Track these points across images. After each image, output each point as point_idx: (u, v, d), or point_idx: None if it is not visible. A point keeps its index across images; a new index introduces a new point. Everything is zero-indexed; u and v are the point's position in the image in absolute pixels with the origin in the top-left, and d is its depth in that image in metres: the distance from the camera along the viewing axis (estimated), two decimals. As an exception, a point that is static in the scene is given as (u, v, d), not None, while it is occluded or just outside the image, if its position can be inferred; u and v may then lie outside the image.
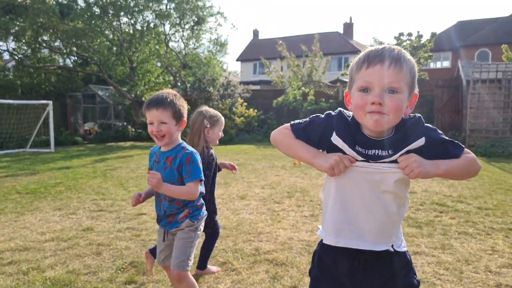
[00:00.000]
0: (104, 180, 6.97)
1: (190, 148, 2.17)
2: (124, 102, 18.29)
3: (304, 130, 1.38)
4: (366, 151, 1.28)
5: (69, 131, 16.54)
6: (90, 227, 4.10)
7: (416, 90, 1.31)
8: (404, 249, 1.40)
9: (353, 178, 1.32)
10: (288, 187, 6.19)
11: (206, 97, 16.58)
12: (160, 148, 2.21)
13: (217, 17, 17.96)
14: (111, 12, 16.18)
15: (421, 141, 1.26)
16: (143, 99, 17.35)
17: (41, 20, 15.43)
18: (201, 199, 2.28)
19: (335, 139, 1.30)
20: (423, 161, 1.25)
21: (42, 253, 3.39)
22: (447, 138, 1.33)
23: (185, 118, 2.21)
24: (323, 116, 1.39)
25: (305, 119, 1.42)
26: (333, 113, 1.37)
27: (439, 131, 1.34)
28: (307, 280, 2.82)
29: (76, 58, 18.68)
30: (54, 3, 15.85)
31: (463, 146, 1.34)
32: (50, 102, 13.38)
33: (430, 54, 15.97)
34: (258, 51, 33.97)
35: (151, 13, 17.24)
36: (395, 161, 1.28)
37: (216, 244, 3.54)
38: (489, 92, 12.38)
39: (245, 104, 16.98)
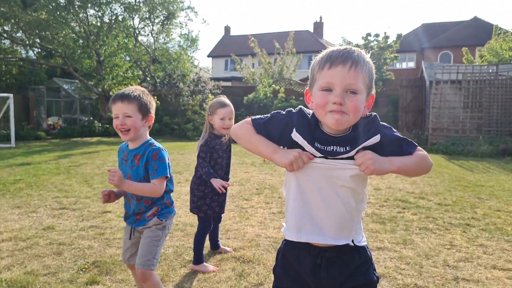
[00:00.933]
0: (68, 176, 6.75)
1: (158, 145, 2.13)
2: (91, 96, 17.77)
3: (265, 125, 1.40)
4: (325, 148, 1.31)
5: (31, 125, 15.91)
6: (51, 226, 3.96)
7: (373, 91, 1.35)
8: (364, 244, 1.42)
9: (312, 175, 1.34)
10: (257, 184, 6.22)
11: (176, 93, 16.37)
12: (128, 146, 2.16)
13: (188, 12, 17.77)
14: (77, 3, 15.65)
15: (376, 138, 1.30)
16: (111, 93, 16.94)
17: (1, 9, 14.73)
18: (171, 197, 2.23)
19: (295, 135, 1.32)
20: (377, 158, 1.29)
21: (-1, 253, 3.25)
22: (401, 136, 1.37)
23: (152, 114, 2.16)
24: (284, 112, 1.41)
25: (266, 115, 1.44)
26: (293, 110, 1.39)
27: (394, 129, 1.38)
28: (273, 277, 2.84)
29: (39, 50, 17.98)
30: (16, -8, 15.19)
31: (416, 144, 1.39)
32: (11, 95, 12.82)
33: (396, 54, 16.44)
34: (229, 47, 33.86)
35: (119, 6, 16.82)
36: (351, 158, 1.31)
37: (182, 242, 3.52)
38: (450, 93, 12.90)
39: (216, 100, 16.90)
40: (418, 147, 1.39)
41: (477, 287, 2.72)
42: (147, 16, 17.31)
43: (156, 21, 17.57)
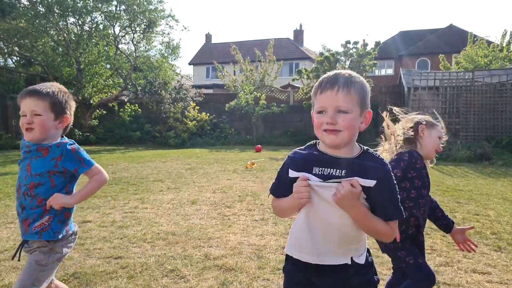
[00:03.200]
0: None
1: (68, 140, 1.88)
2: (70, 105, 17.48)
3: (277, 188, 1.57)
4: (323, 171, 1.41)
5: (10, 134, 15.54)
6: (30, 238, 3.87)
7: (368, 108, 1.45)
8: (362, 262, 1.49)
9: (313, 198, 1.43)
10: (240, 191, 6.22)
11: (158, 100, 16.27)
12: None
13: (169, 20, 17.74)
14: (57, 11, 15.46)
15: (371, 183, 1.37)
16: (92, 101, 16.71)
17: (-22, 17, 14.45)
18: (70, 209, 1.90)
19: (291, 173, 1.48)
20: (350, 198, 1.35)
21: (-26, 267, 3.16)
22: (396, 197, 1.41)
23: (68, 115, 1.89)
24: (283, 163, 1.56)
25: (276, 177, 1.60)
26: (284, 164, 1.55)
27: (395, 187, 1.42)
28: (256, 285, 2.85)
29: (18, 58, 17.62)
30: (-6, 0, 14.92)
31: (402, 215, 1.43)
32: (-12, 104, 12.51)
33: (375, 62, 16.75)
34: (211, 55, 33.92)
35: (100, 14, 16.68)
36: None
37: (164, 251, 3.49)
38: (428, 99, 13.21)
39: (198, 107, 16.86)
40: (397, 221, 1.45)
41: (455, 289, 2.78)
42: (128, 24, 17.21)
43: (137, 29, 17.48)
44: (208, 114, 16.88)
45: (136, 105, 17.38)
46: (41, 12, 15.32)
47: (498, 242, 3.82)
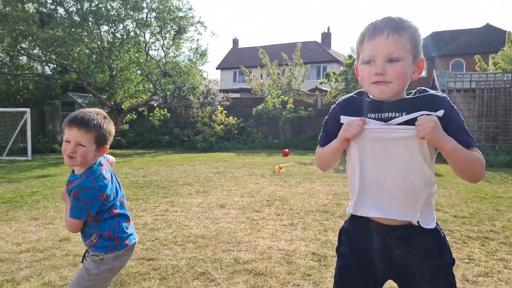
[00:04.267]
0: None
1: (87, 181, 1.85)
2: (104, 109, 18.04)
3: (323, 136, 1.49)
4: (380, 115, 1.32)
5: (47, 138, 16.22)
6: (67, 238, 4.02)
7: (421, 56, 1.34)
8: (433, 226, 1.35)
9: (369, 144, 1.33)
10: (268, 195, 6.22)
11: (186, 105, 16.53)
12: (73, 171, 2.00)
13: (197, 26, 18.03)
14: (91, 20, 16.04)
15: (440, 113, 1.26)
16: (123, 106, 17.19)
17: (20, 27, 15.19)
18: (117, 231, 1.94)
19: (343, 119, 1.37)
20: (439, 127, 1.23)
21: (17, 264, 3.31)
22: (465, 126, 1.31)
23: (108, 146, 1.96)
24: (330, 111, 1.49)
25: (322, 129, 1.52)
26: (333, 107, 1.48)
27: (461, 117, 1.32)
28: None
29: (55, 65, 18.39)
30: (34, 11, 15.63)
31: (477, 143, 1.32)
32: (28, 109, 13.12)
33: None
34: (238, 59, 34.20)
35: (131, 22, 17.17)
36: (411, 123, 1.27)
37: (195, 254, 3.54)
38: (463, 101, 12.76)
39: (225, 112, 17.01)
40: (477, 149, 1.32)
41: (493, 300, 2.67)
42: (158, 31, 17.63)
43: (167, 35, 17.87)
44: (235, 118, 17.00)
45: (165, 109, 17.72)
46: (77, 21, 15.93)
47: (540, 251, 3.64)
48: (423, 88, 1.35)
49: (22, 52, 17.14)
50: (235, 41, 39.55)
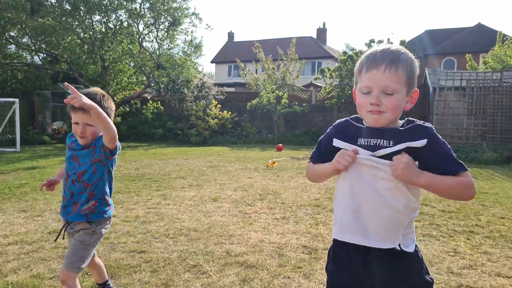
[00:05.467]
0: (73, 181, 6.78)
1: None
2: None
3: (316, 154, 1.57)
4: (369, 141, 1.38)
5: (37, 130, 16.02)
6: (57, 230, 3.99)
7: (415, 87, 1.40)
8: (412, 250, 1.41)
9: (358, 174, 1.39)
10: (261, 189, 6.23)
11: (180, 98, 16.45)
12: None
13: (192, 18, 17.87)
14: (82, 9, 15.81)
15: (422, 142, 1.31)
16: (115, 98, 17.04)
17: (9, 15, 14.90)
18: (109, 197, 2.22)
19: (335, 142, 1.46)
20: (411, 166, 1.30)
21: (4, 256, 3.27)
22: (451, 153, 1.34)
23: (112, 119, 2.15)
24: (326, 132, 1.57)
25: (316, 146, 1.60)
26: (329, 129, 1.55)
27: (447, 145, 1.36)
28: (277, 282, 2.86)
29: (45, 55, 18.13)
30: (24, -2, 15.37)
31: (466, 168, 1.34)
32: (17, 100, 12.94)
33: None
34: (233, 53, 34.05)
35: (124, 12, 16.96)
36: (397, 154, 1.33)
37: (186, 247, 3.53)
38: (454, 99, 12.89)
39: (219, 106, 16.96)
40: (466, 172, 1.35)
41: (481, 294, 2.72)
42: (152, 22, 17.44)
43: (161, 27, 17.69)
44: (229, 113, 16.96)
45: (159, 102, 17.61)
46: (68, 10, 15.68)
47: (527, 247, 3.70)
48: (411, 119, 1.40)
49: (11, 40, 16.84)
50: (231, 35, 39.36)
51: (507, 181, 7.60)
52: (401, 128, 1.37)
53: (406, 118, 1.42)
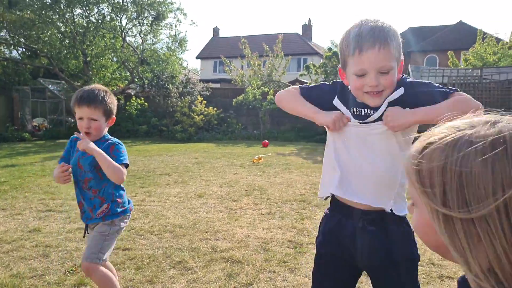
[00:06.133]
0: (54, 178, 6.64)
1: (115, 140, 2.16)
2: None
3: (310, 89, 1.56)
4: (360, 111, 1.42)
5: (16, 126, 15.62)
6: (37, 228, 3.90)
7: (402, 57, 1.40)
8: (405, 214, 1.40)
9: (349, 138, 1.44)
10: (246, 185, 6.21)
11: (165, 94, 16.26)
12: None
13: (177, 13, 17.66)
14: (63, 2, 15.45)
15: (399, 92, 1.36)
16: (98, 94, 16.71)
17: (-15, 8, 14.48)
18: (123, 196, 2.23)
19: (336, 102, 1.47)
20: (397, 112, 1.34)
21: (-17, 256, 3.18)
22: (433, 87, 1.37)
23: (114, 116, 2.22)
24: (329, 83, 1.56)
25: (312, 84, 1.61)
26: (337, 81, 1.53)
27: (426, 82, 1.41)
28: (262, 277, 2.85)
29: (24, 50, 17.66)
30: (1, -9, 14.93)
31: (455, 89, 1.35)
32: (-5, 95, 12.59)
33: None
34: (218, 49, 33.85)
35: (107, 6, 16.64)
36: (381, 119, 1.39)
37: (172, 244, 3.49)
38: (436, 96, 13.13)
39: (205, 102, 16.83)
40: (458, 91, 1.34)
41: (463, 286, 2.76)
42: (135, 17, 17.16)
43: (145, 21, 17.43)
44: (215, 109, 16.85)
45: (143, 98, 17.38)
46: (47, 3, 15.29)
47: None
48: (405, 76, 1.44)
49: (-12, 34, 16.37)
50: (216, 30, 39.07)
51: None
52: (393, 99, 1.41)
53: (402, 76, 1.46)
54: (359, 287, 2.66)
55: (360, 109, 1.41)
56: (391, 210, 1.38)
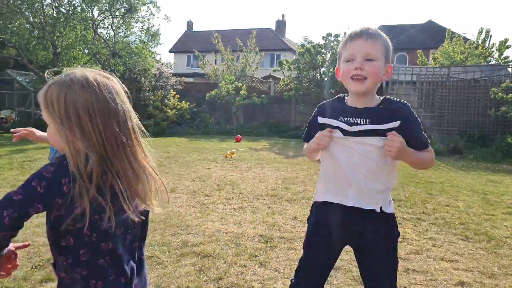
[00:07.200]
0: (22, 172, 6.48)
1: None
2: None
3: (307, 132, 1.75)
4: (348, 119, 1.55)
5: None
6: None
7: (390, 62, 1.60)
8: (392, 211, 1.62)
9: (338, 148, 1.58)
10: (219, 180, 6.25)
11: (137, 88, 16.01)
12: None
13: (150, 6, 17.37)
14: (32, -9, 14.90)
15: (395, 124, 1.50)
16: (68, 87, 16.27)
17: None
18: None
19: (320, 119, 1.64)
20: (404, 148, 1.48)
21: None
22: (421, 133, 1.56)
23: None
24: (312, 115, 1.73)
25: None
26: (319, 105, 1.73)
27: (418, 122, 1.56)
28: (233, 271, 2.91)
29: (-10, 39, 16.95)
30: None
31: (429, 142, 1.59)
32: (-42, 87, 12.08)
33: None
34: (192, 43, 33.48)
35: (77, -4, 16.18)
36: (372, 132, 1.51)
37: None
38: (405, 93, 13.48)
39: (178, 96, 16.69)
40: (430, 146, 1.59)
41: (425, 278, 2.89)
42: (107, 8, 16.77)
43: (117, 13, 17.06)
44: (188, 103, 16.74)
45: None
46: (16, -8, 14.74)
47: (466, 232, 3.99)
48: (388, 97, 1.60)
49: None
50: (190, 24, 38.59)
51: (452, 171, 8.09)
52: (377, 108, 1.55)
53: (384, 96, 1.61)
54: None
55: (347, 118, 1.55)
56: (381, 208, 1.57)
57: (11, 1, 14.51)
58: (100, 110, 1.12)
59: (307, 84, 15.85)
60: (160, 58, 21.63)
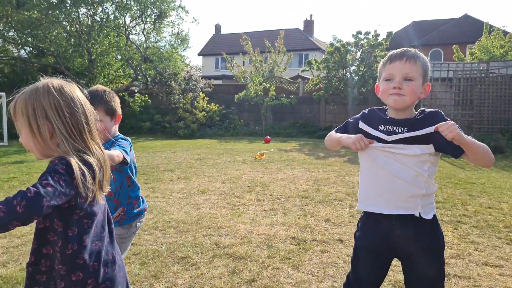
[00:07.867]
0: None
1: (122, 136, 2.16)
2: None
3: (342, 127, 1.83)
4: (387, 128, 1.64)
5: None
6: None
7: (428, 81, 1.68)
8: (431, 217, 1.63)
9: (377, 156, 1.65)
10: (249, 181, 6.26)
11: (168, 91, 16.32)
12: None
13: (179, 11, 17.71)
14: (68, 2, 15.55)
15: (430, 129, 1.55)
16: (102, 92, 16.82)
17: (-6, 9, 14.61)
18: (138, 197, 2.23)
19: (361, 124, 1.72)
20: (451, 124, 1.49)
21: (-8, 252, 3.25)
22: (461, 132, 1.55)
23: (119, 112, 2.22)
24: (354, 117, 1.82)
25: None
26: (363, 111, 1.80)
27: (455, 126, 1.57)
28: (265, 273, 2.89)
29: (31, 49, 17.79)
30: (9, -8, 15.04)
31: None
32: (3, 94, 12.69)
33: (386, 52, 16.47)
34: (220, 45, 33.82)
35: (110, 5, 16.72)
36: (411, 141, 1.58)
37: (175, 239, 3.55)
38: (441, 90, 13.01)
39: (207, 98, 16.87)
40: None
41: (468, 284, 2.76)
42: (139, 15, 17.23)
43: (148, 20, 17.50)
44: (217, 105, 16.89)
45: (146, 95, 17.46)
46: (54, 3, 15.41)
47: (511, 235, 3.79)
48: (422, 109, 1.66)
49: (-3, 34, 16.52)
50: (218, 27, 39.05)
51: (493, 171, 7.73)
52: (415, 118, 1.62)
53: (420, 109, 1.68)
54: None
55: (387, 126, 1.64)
56: (419, 214, 1.61)
57: (50, 12, 15.17)
58: (66, 105, 1.28)
59: (337, 84, 15.63)
60: (190, 62, 21.97)
